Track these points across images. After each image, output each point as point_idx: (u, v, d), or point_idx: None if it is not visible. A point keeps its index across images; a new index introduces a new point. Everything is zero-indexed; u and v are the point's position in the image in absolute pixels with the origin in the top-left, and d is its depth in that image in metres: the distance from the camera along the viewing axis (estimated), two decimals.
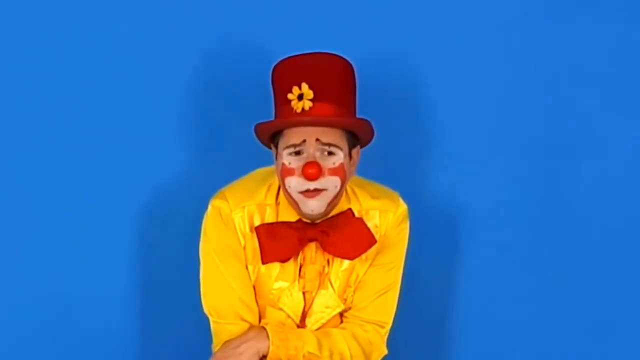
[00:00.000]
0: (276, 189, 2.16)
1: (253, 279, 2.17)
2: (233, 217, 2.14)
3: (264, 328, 2.14)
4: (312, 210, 2.07)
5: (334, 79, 2.04)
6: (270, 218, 2.15)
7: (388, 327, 2.24)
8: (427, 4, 2.54)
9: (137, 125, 2.51)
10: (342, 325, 2.21)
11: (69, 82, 2.48)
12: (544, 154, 2.61)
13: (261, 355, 2.12)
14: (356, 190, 2.20)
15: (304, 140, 2.04)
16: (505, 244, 2.63)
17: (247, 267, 2.17)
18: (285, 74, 2.06)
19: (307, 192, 2.06)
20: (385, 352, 2.24)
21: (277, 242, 2.12)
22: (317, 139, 2.03)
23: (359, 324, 2.20)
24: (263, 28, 2.51)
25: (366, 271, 2.21)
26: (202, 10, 2.49)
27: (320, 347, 2.14)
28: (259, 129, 2.10)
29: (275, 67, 2.09)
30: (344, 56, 2.09)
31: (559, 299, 2.66)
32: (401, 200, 2.23)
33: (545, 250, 2.64)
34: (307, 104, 2.02)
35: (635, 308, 2.67)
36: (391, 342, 2.25)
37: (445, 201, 2.61)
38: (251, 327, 2.15)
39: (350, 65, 2.09)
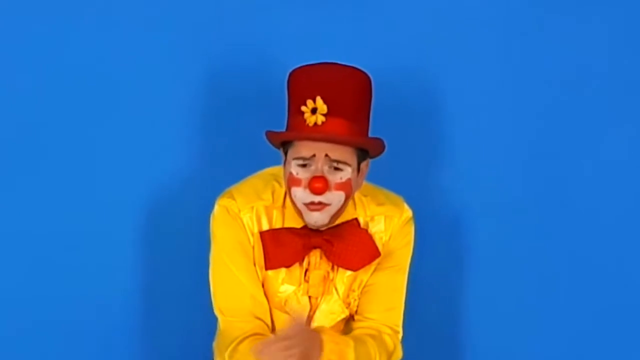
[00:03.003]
0: (282, 191, 2.15)
1: (260, 279, 2.17)
2: (241, 216, 2.14)
3: (319, 334, 2.05)
4: (315, 222, 2.08)
5: (349, 95, 2.02)
6: (277, 221, 2.15)
7: (401, 330, 2.24)
8: (433, 10, 2.54)
9: (142, 126, 2.51)
10: (368, 331, 2.18)
11: (76, 84, 2.48)
12: (548, 156, 2.63)
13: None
14: (363, 198, 2.20)
15: (314, 155, 2.03)
16: (510, 245, 2.65)
17: (255, 266, 2.17)
18: (301, 85, 2.04)
19: (311, 205, 2.05)
20: (401, 355, 2.25)
21: (281, 248, 2.12)
22: (327, 155, 2.02)
23: (382, 329, 2.19)
24: (269, 31, 2.50)
25: (371, 275, 2.21)
26: (209, 13, 2.49)
27: None
28: (269, 137, 2.10)
29: (292, 74, 2.07)
30: (362, 69, 2.07)
31: (565, 299, 2.68)
32: (406, 206, 2.23)
33: (550, 251, 2.66)
34: (320, 119, 2.00)
35: (638, 308, 2.71)
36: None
37: (449, 204, 2.62)
38: (307, 328, 2.11)
39: (368, 79, 2.07)
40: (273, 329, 2.20)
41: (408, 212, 2.22)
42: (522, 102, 2.59)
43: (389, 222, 2.20)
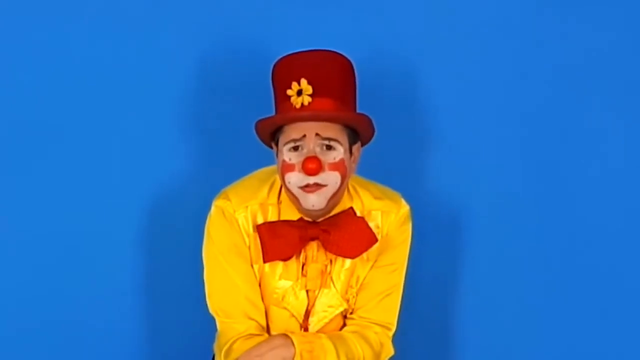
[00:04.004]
0: (278, 188, 2.17)
1: (257, 278, 2.17)
2: (237, 217, 2.15)
3: (288, 336, 2.12)
4: (313, 206, 2.07)
5: (333, 75, 2.05)
6: (272, 217, 2.16)
7: (394, 328, 2.23)
8: (430, 5, 2.57)
9: (139, 126, 2.52)
10: (353, 327, 2.20)
11: (72, 83, 2.50)
12: (545, 152, 2.63)
13: None
14: (358, 189, 2.21)
15: (304, 135, 2.04)
16: (507, 242, 2.64)
17: (252, 266, 2.17)
18: (285, 71, 2.07)
19: (307, 187, 2.06)
20: (392, 352, 2.24)
21: (279, 240, 2.12)
22: (317, 134, 2.04)
23: (368, 326, 2.20)
24: (264, 27, 2.53)
25: (368, 272, 2.20)
26: (204, 10, 2.51)
27: (338, 357, 2.13)
28: (259, 126, 2.11)
29: (275, 64, 2.11)
30: (343, 53, 2.10)
31: (562, 298, 2.66)
32: (403, 202, 2.23)
33: (547, 249, 2.65)
34: (307, 100, 2.03)
35: (637, 308, 2.68)
36: (395, 341, 2.25)
37: (445, 200, 2.62)
38: (277, 335, 2.15)
39: (350, 62, 2.10)
40: (269, 328, 2.20)
41: (405, 208, 2.23)
42: (519, 99, 2.60)
43: (386, 218, 2.20)
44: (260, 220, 2.15)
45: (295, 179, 2.06)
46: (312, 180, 2.05)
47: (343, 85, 2.07)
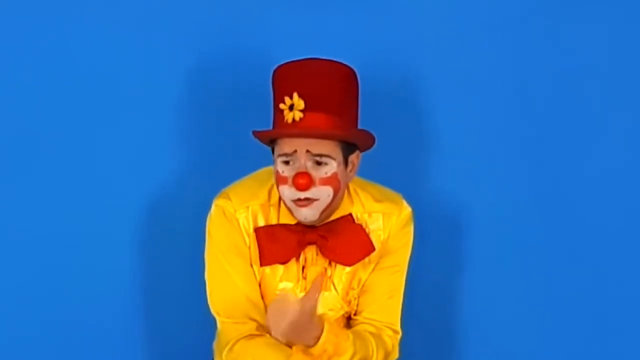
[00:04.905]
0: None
1: (258, 279, 2.19)
2: (237, 217, 2.15)
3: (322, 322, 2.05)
4: (305, 218, 2.08)
5: (327, 89, 2.02)
6: (272, 218, 2.16)
7: (400, 331, 2.24)
8: (425, 5, 2.54)
9: (138, 126, 2.53)
10: (370, 328, 2.19)
11: (69, 84, 2.50)
12: (545, 152, 2.61)
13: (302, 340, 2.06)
14: (359, 191, 2.20)
15: (295, 151, 2.04)
16: (507, 243, 2.64)
17: (252, 267, 2.18)
18: (279, 83, 2.05)
19: (298, 201, 2.06)
20: (397, 356, 2.25)
21: (276, 244, 2.13)
22: (308, 150, 2.03)
23: (382, 328, 2.20)
24: (261, 29, 2.51)
25: (370, 274, 2.21)
26: (202, 12, 2.50)
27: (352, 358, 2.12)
28: (257, 137, 2.11)
29: (273, 73, 2.09)
30: (345, 61, 2.07)
31: (563, 298, 2.66)
32: (405, 203, 2.22)
33: (548, 250, 2.64)
34: (298, 115, 2.01)
35: (636, 308, 2.67)
36: None
37: (446, 201, 2.61)
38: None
39: (351, 72, 2.07)
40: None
41: (407, 210, 2.22)
42: (520, 101, 2.59)
43: (387, 220, 2.20)
44: (261, 221, 2.16)
45: (288, 192, 2.07)
46: (303, 195, 2.05)
47: (340, 98, 2.03)
